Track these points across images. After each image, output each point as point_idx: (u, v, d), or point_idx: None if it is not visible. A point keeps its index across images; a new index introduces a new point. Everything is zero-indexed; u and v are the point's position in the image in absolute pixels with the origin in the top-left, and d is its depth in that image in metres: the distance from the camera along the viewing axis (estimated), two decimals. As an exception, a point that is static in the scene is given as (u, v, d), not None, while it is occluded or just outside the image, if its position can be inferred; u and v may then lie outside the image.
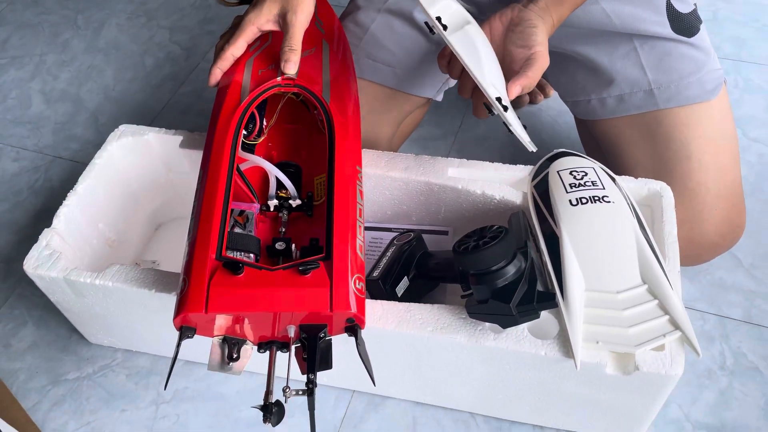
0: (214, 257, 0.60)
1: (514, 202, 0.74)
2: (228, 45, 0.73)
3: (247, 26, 0.73)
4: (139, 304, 0.72)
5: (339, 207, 0.63)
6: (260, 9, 0.72)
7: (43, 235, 0.74)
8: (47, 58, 1.31)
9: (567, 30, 0.81)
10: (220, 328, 0.60)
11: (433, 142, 1.07)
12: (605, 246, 0.64)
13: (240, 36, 0.73)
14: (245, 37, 0.73)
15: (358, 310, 0.57)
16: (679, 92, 0.77)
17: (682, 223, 0.74)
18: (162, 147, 0.86)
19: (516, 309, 0.58)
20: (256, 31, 0.73)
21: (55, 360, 0.85)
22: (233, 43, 0.73)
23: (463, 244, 0.61)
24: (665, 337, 0.60)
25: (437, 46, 0.88)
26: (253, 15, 0.73)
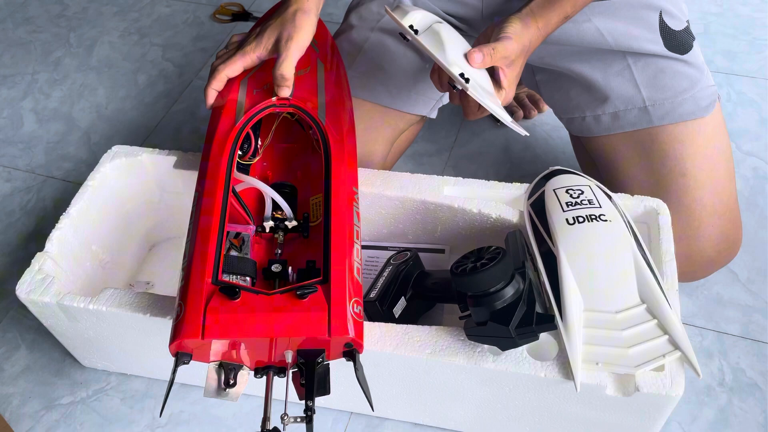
0: (210, 281, 0.59)
1: (511, 220, 0.74)
2: (224, 66, 0.73)
3: (249, 54, 0.73)
4: (133, 328, 0.71)
5: (336, 229, 0.62)
6: (260, 39, 0.72)
7: (36, 259, 0.74)
8: (39, 76, 1.30)
9: (560, 48, 0.81)
10: (216, 354, 0.59)
11: (428, 158, 1.07)
12: (603, 265, 0.64)
13: (239, 60, 0.73)
14: (244, 62, 0.73)
15: (356, 334, 0.57)
16: (674, 109, 0.77)
17: (678, 239, 0.74)
18: (155, 168, 0.85)
19: (515, 331, 0.58)
20: (256, 60, 0.74)
21: (48, 384, 0.84)
22: (230, 65, 0.73)
23: (460, 266, 0.61)
24: (665, 357, 0.59)
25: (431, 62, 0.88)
26: (255, 45, 0.73)
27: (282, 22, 0.71)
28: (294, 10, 0.72)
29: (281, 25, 0.71)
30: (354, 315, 0.57)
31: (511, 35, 0.66)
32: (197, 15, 1.43)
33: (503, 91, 0.68)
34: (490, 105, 0.65)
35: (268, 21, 0.74)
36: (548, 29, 0.70)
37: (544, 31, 0.70)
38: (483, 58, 0.65)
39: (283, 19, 0.71)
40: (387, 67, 0.87)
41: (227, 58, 0.74)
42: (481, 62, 0.65)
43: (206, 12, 1.43)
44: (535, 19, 0.69)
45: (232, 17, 1.42)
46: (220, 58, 0.77)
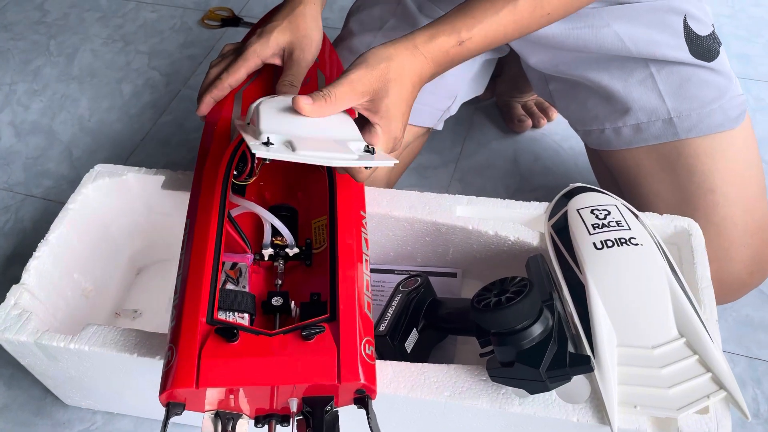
0: (205, 321, 0.53)
1: (531, 243, 0.68)
2: (227, 74, 0.68)
3: (252, 57, 0.67)
4: (119, 368, 0.65)
5: (343, 259, 0.56)
6: (267, 40, 0.67)
7: (12, 293, 0.67)
8: (17, 87, 1.23)
9: (576, 55, 0.76)
10: (212, 402, 0.53)
11: (433, 171, 1.01)
12: (637, 294, 0.59)
13: (242, 66, 0.67)
14: (248, 68, 0.68)
15: (368, 379, 0.51)
16: (701, 121, 0.72)
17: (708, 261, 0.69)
18: (142, 188, 0.79)
19: (546, 374, 0.52)
20: (260, 64, 0.68)
21: (28, 425, 0.77)
22: (233, 72, 0.67)
23: (482, 299, 0.55)
24: (709, 398, 0.54)
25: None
26: (258, 46, 0.67)
27: (290, 24, 0.67)
28: (302, 11, 0.67)
29: (289, 28, 0.67)
30: (366, 357, 0.52)
31: (362, 63, 0.55)
32: (185, 20, 1.36)
33: (376, 128, 0.56)
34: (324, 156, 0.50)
35: (272, 21, 0.69)
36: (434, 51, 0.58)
37: (429, 54, 0.58)
38: (313, 103, 0.53)
39: (290, 21, 0.67)
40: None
41: (229, 65, 0.68)
42: (312, 108, 0.53)
43: (194, 17, 1.37)
44: (413, 37, 0.58)
45: (221, 23, 1.35)
46: (217, 66, 0.71)
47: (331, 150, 0.51)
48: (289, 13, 0.69)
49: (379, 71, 0.55)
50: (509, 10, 0.59)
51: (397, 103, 0.56)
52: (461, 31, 0.58)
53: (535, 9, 0.60)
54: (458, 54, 0.59)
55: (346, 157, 0.50)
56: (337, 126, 0.55)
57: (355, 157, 0.51)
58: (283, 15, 0.69)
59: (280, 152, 0.49)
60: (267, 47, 0.68)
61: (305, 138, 0.52)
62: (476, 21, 0.58)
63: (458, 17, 0.59)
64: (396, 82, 0.56)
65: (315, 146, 0.50)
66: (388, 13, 0.83)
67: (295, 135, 0.52)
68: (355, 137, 0.55)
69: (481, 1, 0.60)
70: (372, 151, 0.54)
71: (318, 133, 0.53)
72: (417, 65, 0.57)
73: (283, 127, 0.53)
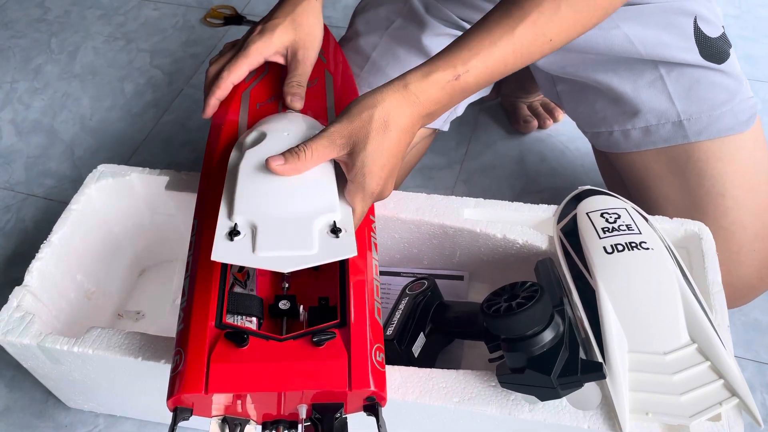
0: (214, 325, 0.52)
1: (540, 247, 0.68)
2: (227, 71, 0.66)
3: (254, 54, 0.66)
4: (123, 371, 0.64)
5: (353, 265, 0.55)
6: (270, 38, 0.66)
7: (14, 295, 0.66)
8: (18, 85, 1.22)
9: (584, 56, 0.75)
10: (219, 407, 0.52)
11: (438, 172, 1.01)
12: (648, 300, 0.58)
13: (243, 63, 0.66)
14: (250, 64, 0.67)
15: (379, 387, 0.50)
16: (711, 124, 0.71)
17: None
18: (146, 188, 0.78)
19: (557, 381, 0.51)
20: (261, 61, 0.67)
21: (30, 427, 0.76)
22: (234, 69, 0.66)
23: (493, 305, 0.54)
24: (722, 405, 0.53)
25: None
26: (261, 43, 0.66)
27: (293, 21, 0.66)
28: (305, 7, 0.66)
29: (293, 26, 0.66)
30: (376, 364, 0.51)
31: (345, 113, 0.53)
32: (187, 18, 1.35)
33: (348, 186, 0.54)
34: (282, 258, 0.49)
35: (274, 17, 0.67)
36: (428, 89, 0.55)
37: (422, 94, 0.55)
38: (285, 163, 0.52)
39: (293, 19, 0.66)
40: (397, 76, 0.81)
41: (229, 62, 0.67)
42: (284, 168, 0.52)
43: (196, 15, 1.36)
44: (405, 77, 0.55)
45: (224, 21, 1.34)
46: (216, 63, 0.70)
47: (294, 242, 0.50)
48: (291, 10, 0.68)
49: (360, 122, 0.52)
50: (507, 40, 0.55)
51: (375, 156, 0.52)
52: (457, 66, 0.55)
53: (536, 37, 0.56)
54: (457, 89, 0.56)
55: (303, 258, 0.49)
56: (312, 188, 0.53)
57: (314, 252, 0.49)
58: (285, 11, 0.68)
59: (239, 256, 0.49)
60: (270, 45, 0.66)
61: (271, 221, 0.51)
62: (472, 54, 0.55)
63: (453, 51, 0.56)
64: (378, 133, 0.52)
65: (277, 239, 0.50)
66: (394, 13, 0.82)
67: (263, 215, 0.51)
68: (327, 206, 0.53)
69: (477, 33, 0.56)
70: (337, 231, 0.51)
71: (288, 205, 0.52)
72: (407, 110, 0.54)
73: (257, 197, 0.52)
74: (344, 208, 0.54)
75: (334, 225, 0.52)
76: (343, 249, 0.50)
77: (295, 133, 0.58)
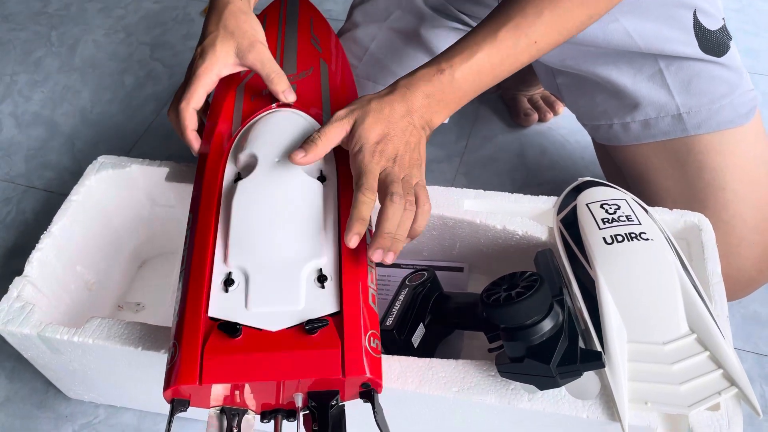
0: (208, 317, 0.52)
1: (539, 238, 0.68)
2: (185, 102, 0.64)
3: (204, 75, 0.64)
4: (123, 361, 0.64)
5: (347, 251, 0.55)
6: (213, 54, 0.64)
7: (14, 285, 0.66)
8: (18, 78, 1.22)
9: (584, 49, 0.75)
10: (217, 398, 0.52)
11: (438, 165, 1.00)
12: (647, 290, 0.58)
13: (197, 87, 0.64)
14: (204, 86, 0.64)
15: (374, 373, 0.50)
16: (711, 117, 0.71)
17: None
18: (146, 179, 0.78)
19: (556, 370, 0.51)
20: (216, 80, 0.65)
21: (30, 418, 0.76)
22: (190, 97, 0.64)
23: (492, 294, 0.54)
24: (720, 394, 0.53)
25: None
26: (207, 63, 0.64)
27: (226, 29, 0.65)
28: (230, 11, 0.65)
29: (227, 33, 0.64)
30: (371, 350, 0.51)
31: (349, 103, 0.58)
32: (187, 11, 1.35)
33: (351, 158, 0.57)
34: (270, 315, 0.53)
35: (207, 34, 0.65)
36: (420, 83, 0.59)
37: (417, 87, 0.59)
38: (306, 155, 0.57)
39: (225, 27, 0.65)
40: (396, 69, 0.81)
41: (184, 93, 0.64)
42: (306, 158, 0.57)
43: (197, 8, 1.36)
44: (396, 82, 0.60)
45: (224, 14, 1.34)
46: (172, 104, 0.67)
47: (282, 296, 0.53)
48: (218, 19, 0.65)
49: (359, 104, 0.58)
50: (489, 42, 0.59)
51: (369, 127, 0.56)
52: (441, 62, 0.59)
53: (518, 39, 0.59)
54: (444, 82, 0.59)
55: (289, 314, 0.52)
56: (299, 231, 0.56)
57: (300, 307, 0.52)
58: (215, 23, 0.65)
59: (233, 312, 0.53)
60: (215, 61, 0.64)
61: (262, 270, 0.54)
62: (456, 53, 0.59)
63: (442, 53, 0.60)
64: (375, 111, 0.57)
65: (266, 293, 0.53)
66: (393, 5, 0.82)
67: (254, 264, 0.55)
68: (313, 252, 0.55)
69: (466, 36, 0.61)
70: (323, 279, 0.54)
71: (278, 250, 0.55)
72: (399, 98, 0.58)
73: (249, 242, 0.56)
74: (329, 252, 0.56)
75: (320, 272, 0.54)
76: (326, 305, 0.53)
77: (286, 159, 0.60)
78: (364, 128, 0.56)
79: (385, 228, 0.52)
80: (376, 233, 0.53)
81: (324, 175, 0.61)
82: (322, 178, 0.60)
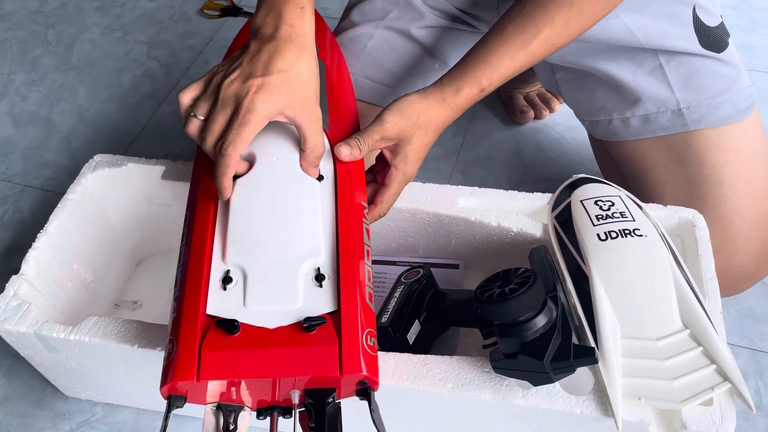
0: (206, 313, 0.53)
1: (534, 234, 0.68)
2: (233, 145, 0.53)
3: (260, 120, 0.53)
4: (120, 359, 0.64)
5: (345, 249, 0.56)
6: (274, 104, 0.53)
7: (11, 283, 0.67)
8: (15, 77, 1.22)
9: (585, 45, 0.75)
10: (213, 395, 0.52)
11: (435, 163, 1.01)
12: (641, 286, 0.58)
13: (249, 132, 0.53)
14: (256, 131, 0.54)
15: (370, 371, 0.50)
16: (711, 112, 0.71)
17: (715, 253, 0.68)
18: (142, 178, 0.78)
19: (550, 366, 0.51)
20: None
21: (28, 416, 0.77)
22: (239, 140, 0.53)
23: (486, 291, 0.55)
24: (714, 390, 0.54)
25: (441, 64, 0.81)
26: (270, 109, 0.54)
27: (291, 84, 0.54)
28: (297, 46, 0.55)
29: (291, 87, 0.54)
30: (368, 348, 0.51)
31: (396, 111, 0.60)
32: (184, 10, 1.35)
33: (392, 169, 0.62)
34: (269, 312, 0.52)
35: (272, 71, 0.54)
36: (460, 102, 0.62)
37: (455, 106, 0.62)
38: (350, 153, 0.60)
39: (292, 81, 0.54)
40: (393, 68, 0.81)
41: (231, 133, 0.53)
42: (350, 155, 0.60)
43: (193, 7, 1.36)
44: (443, 91, 0.62)
45: (221, 12, 1.34)
46: (209, 132, 0.54)
47: (280, 295, 0.53)
48: (293, 60, 0.55)
49: (408, 122, 0.60)
50: (523, 55, 0.62)
51: (417, 148, 0.61)
52: (482, 81, 0.62)
53: (547, 49, 0.63)
54: (481, 97, 0.64)
55: (287, 313, 0.52)
56: (298, 229, 0.56)
57: (298, 306, 0.53)
58: (288, 61, 0.54)
59: (231, 310, 0.52)
60: (273, 109, 0.54)
61: (260, 268, 0.54)
62: (495, 69, 0.62)
63: (477, 66, 0.62)
64: (421, 131, 0.61)
65: (264, 291, 0.53)
66: (390, 4, 0.82)
67: (252, 262, 0.54)
68: (312, 250, 0.55)
69: (496, 46, 0.62)
70: (321, 278, 0.54)
71: (276, 248, 0.55)
72: (443, 115, 0.62)
73: (248, 240, 0.56)
74: (327, 251, 0.56)
75: (318, 271, 0.54)
76: (324, 303, 0.53)
77: (284, 157, 0.60)
78: (412, 150, 0.61)
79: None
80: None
81: (322, 174, 0.61)
82: (320, 177, 0.60)
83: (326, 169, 0.62)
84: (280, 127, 0.62)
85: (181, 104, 0.56)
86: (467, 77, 0.62)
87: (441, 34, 0.81)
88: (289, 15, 0.56)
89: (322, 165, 0.61)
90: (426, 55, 0.81)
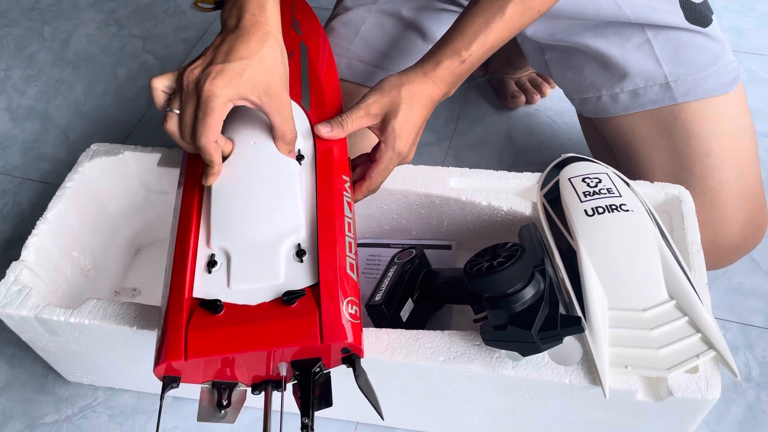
0: (192, 296, 0.54)
1: (524, 213, 0.69)
2: (204, 128, 0.54)
3: (222, 107, 0.54)
4: (119, 341, 0.65)
5: (323, 222, 0.57)
6: (236, 86, 0.54)
7: (11, 269, 0.68)
8: (12, 73, 1.23)
9: (573, 22, 0.76)
10: (207, 373, 0.54)
11: (428, 148, 1.02)
12: (627, 259, 0.59)
13: (214, 120, 0.55)
14: (222, 117, 0.56)
15: (353, 338, 0.52)
16: (698, 85, 0.72)
17: (704, 225, 0.69)
18: (139, 166, 0.79)
19: (538, 335, 0.53)
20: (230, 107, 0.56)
21: (31, 402, 0.78)
22: (206, 131, 0.55)
23: (475, 265, 0.56)
24: (699, 357, 0.55)
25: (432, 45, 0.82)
26: (230, 93, 0.54)
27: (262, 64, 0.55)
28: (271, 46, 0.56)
29: (262, 67, 0.55)
30: (349, 317, 0.52)
31: (378, 89, 0.62)
32: (178, 4, 1.36)
33: (381, 145, 0.62)
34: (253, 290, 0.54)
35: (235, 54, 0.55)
36: (442, 74, 0.63)
37: (437, 78, 0.63)
38: (331, 130, 0.62)
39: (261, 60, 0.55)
40: (387, 51, 0.82)
41: (198, 124, 0.55)
42: (330, 134, 0.62)
43: (187, 0, 1.37)
44: (423, 66, 0.63)
45: (214, 6, 1.35)
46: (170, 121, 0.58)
47: (262, 273, 0.55)
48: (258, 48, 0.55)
49: (390, 96, 0.61)
50: (498, 21, 0.63)
51: (403, 123, 0.61)
52: (461, 52, 0.63)
53: (525, 12, 0.64)
54: (463, 69, 0.64)
55: (270, 289, 0.54)
56: (278, 208, 0.58)
57: (280, 281, 0.54)
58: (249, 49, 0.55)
59: (216, 291, 0.54)
60: (233, 93, 0.54)
61: (243, 249, 0.56)
62: (471, 40, 0.63)
63: (456, 38, 0.63)
64: (405, 104, 0.61)
65: (247, 270, 0.55)
66: (381, -12, 0.83)
67: (235, 244, 0.56)
68: (292, 227, 0.57)
69: (472, 17, 0.63)
70: (301, 254, 0.55)
71: (258, 229, 0.57)
72: (427, 89, 0.63)
73: (230, 222, 0.57)
74: (307, 227, 0.57)
75: (298, 247, 0.56)
76: (305, 278, 0.54)
77: (261, 140, 0.61)
78: (399, 123, 0.61)
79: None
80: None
81: (302, 154, 0.62)
82: (300, 157, 0.61)
83: (307, 148, 0.63)
84: (256, 113, 0.63)
85: (153, 89, 0.59)
86: (446, 50, 0.63)
87: (432, 15, 0.82)
88: (251, 5, 0.57)
89: (303, 145, 0.62)
90: (417, 36, 0.82)
